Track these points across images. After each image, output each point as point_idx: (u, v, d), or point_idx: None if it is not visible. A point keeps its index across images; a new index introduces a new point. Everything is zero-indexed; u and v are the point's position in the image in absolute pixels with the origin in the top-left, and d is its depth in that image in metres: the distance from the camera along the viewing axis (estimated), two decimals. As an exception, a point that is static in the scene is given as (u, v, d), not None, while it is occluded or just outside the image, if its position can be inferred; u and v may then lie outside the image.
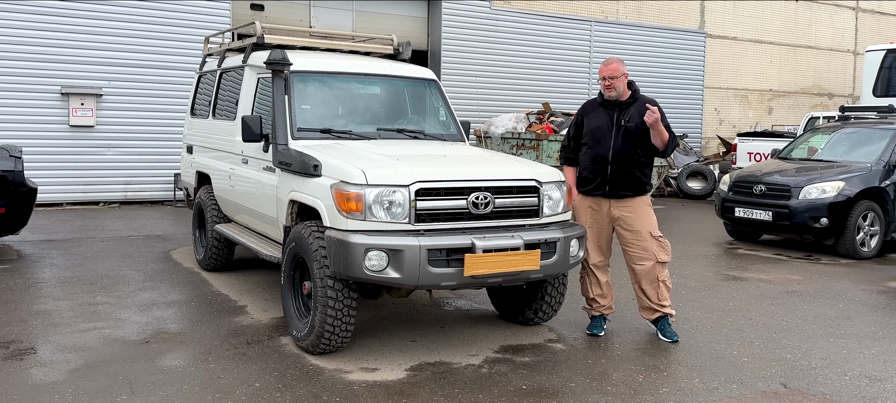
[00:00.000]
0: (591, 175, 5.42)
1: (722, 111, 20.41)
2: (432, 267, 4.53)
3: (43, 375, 4.52)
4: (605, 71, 5.35)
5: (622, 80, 5.35)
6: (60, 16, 12.35)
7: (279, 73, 5.79)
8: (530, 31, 16.89)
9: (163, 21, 13.10)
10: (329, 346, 4.84)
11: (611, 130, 5.35)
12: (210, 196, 7.40)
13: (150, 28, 13.02)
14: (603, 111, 5.45)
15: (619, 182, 5.36)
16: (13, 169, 7.77)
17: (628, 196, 5.38)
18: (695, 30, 19.57)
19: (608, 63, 5.37)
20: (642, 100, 5.38)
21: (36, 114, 12.32)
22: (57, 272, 7.41)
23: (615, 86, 5.33)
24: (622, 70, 5.36)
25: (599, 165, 5.37)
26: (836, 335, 5.74)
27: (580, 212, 5.53)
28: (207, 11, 13.44)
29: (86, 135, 12.72)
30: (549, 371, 4.75)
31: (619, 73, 5.33)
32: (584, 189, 5.50)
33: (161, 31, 13.10)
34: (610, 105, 5.42)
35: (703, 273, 8.06)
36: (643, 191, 5.44)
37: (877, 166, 9.47)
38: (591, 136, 5.43)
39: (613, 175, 5.34)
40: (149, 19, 13.00)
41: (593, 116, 5.48)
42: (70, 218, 11.26)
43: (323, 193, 4.80)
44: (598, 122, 5.42)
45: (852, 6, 22.41)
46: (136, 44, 12.93)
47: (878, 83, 15.33)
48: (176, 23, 13.20)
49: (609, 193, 5.39)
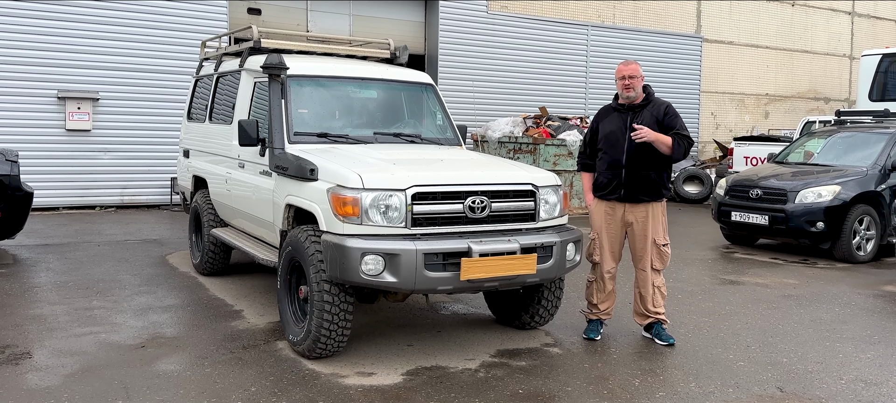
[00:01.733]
0: (607, 179, 5.42)
1: (718, 115, 20.45)
2: (429, 272, 4.53)
3: (38, 380, 4.51)
4: (626, 70, 5.33)
5: (640, 81, 5.35)
6: (57, 20, 12.34)
7: (276, 77, 5.79)
8: (527, 35, 16.92)
9: (159, 25, 13.10)
10: (325, 351, 4.84)
11: (624, 134, 5.32)
12: (206, 200, 7.39)
13: (147, 32, 13.01)
14: (617, 115, 5.44)
15: (635, 186, 5.33)
16: (9, 173, 7.76)
17: (644, 200, 5.37)
18: (691, 34, 19.61)
19: (628, 63, 5.38)
20: (656, 104, 5.38)
21: (32, 117, 12.30)
22: (53, 276, 7.39)
23: (634, 86, 5.31)
24: (640, 72, 5.36)
25: (614, 169, 5.36)
26: (832, 339, 5.75)
27: (596, 218, 5.51)
28: (204, 16, 13.43)
29: (82, 139, 12.70)
30: (546, 376, 4.75)
31: (638, 74, 5.34)
32: (600, 193, 5.48)
33: (158, 35, 13.09)
34: (623, 109, 5.41)
35: (699, 277, 8.07)
36: (659, 195, 5.43)
37: (873, 170, 9.49)
38: (605, 141, 5.43)
39: (628, 179, 5.33)
40: (145, 23, 12.99)
41: (607, 121, 5.47)
42: (66, 222, 11.24)
43: (319, 197, 4.80)
44: (612, 127, 5.41)
45: (848, 10, 22.48)
46: (133, 48, 12.92)
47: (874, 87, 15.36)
48: (172, 27, 13.20)
49: (624, 197, 5.37)
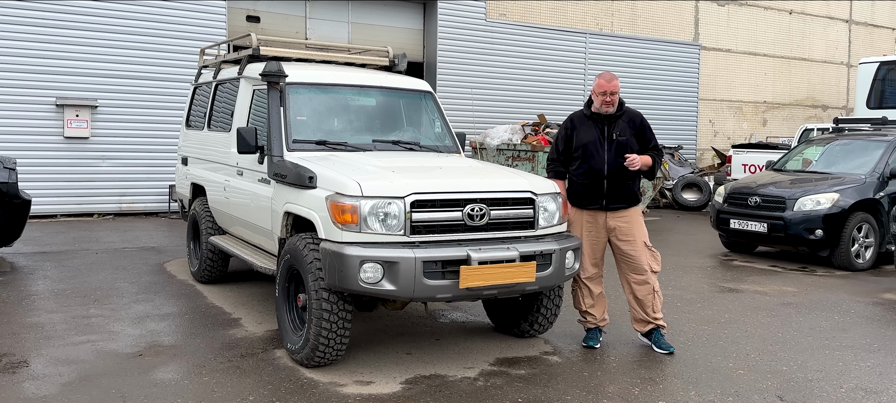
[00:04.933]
0: (586, 190, 5.42)
1: (716, 123, 20.48)
2: (428, 279, 4.52)
3: (35, 388, 4.49)
4: (609, 87, 5.31)
5: (618, 96, 5.38)
6: (55, 27, 12.34)
7: (275, 85, 5.79)
8: (525, 42, 16.95)
9: (158, 33, 13.11)
10: (324, 359, 4.82)
11: (603, 144, 5.35)
12: (205, 208, 7.38)
13: (146, 40, 13.01)
14: (592, 124, 5.43)
15: (615, 194, 5.38)
16: (7, 180, 7.75)
17: (623, 206, 5.42)
18: (689, 42, 19.66)
19: (610, 79, 5.35)
20: (629, 114, 5.45)
21: (31, 125, 12.29)
22: (50, 284, 7.37)
23: (614, 103, 5.35)
24: (618, 86, 5.39)
25: (595, 179, 5.37)
26: (832, 347, 5.74)
27: (575, 225, 5.51)
28: (203, 23, 13.44)
29: (80, 146, 12.69)
30: (545, 384, 4.73)
31: (618, 89, 5.36)
32: (579, 204, 5.48)
33: (156, 42, 13.09)
34: (598, 118, 5.41)
35: (698, 284, 8.06)
36: (637, 201, 5.52)
37: (871, 178, 9.49)
38: (583, 151, 5.41)
39: (610, 189, 5.36)
40: (144, 31, 13.00)
41: (583, 130, 5.45)
42: (64, 229, 11.22)
43: (318, 205, 4.79)
44: (589, 137, 5.40)
45: (845, 18, 22.55)
46: (132, 55, 12.92)
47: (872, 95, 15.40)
48: (171, 35, 13.20)
49: (606, 206, 5.40)
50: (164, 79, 13.11)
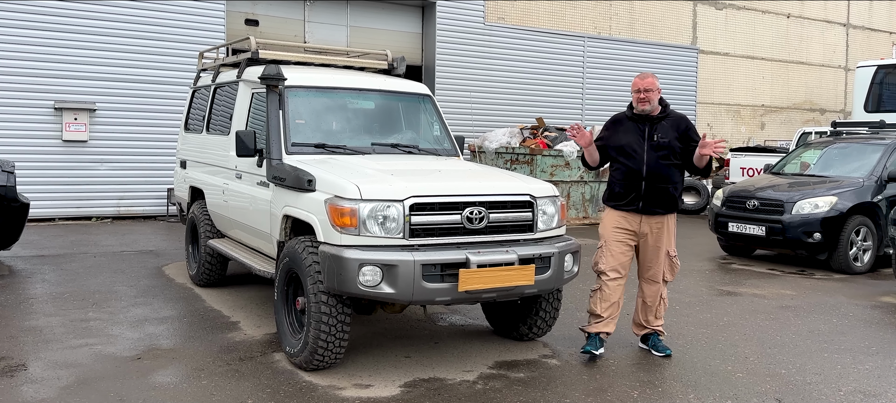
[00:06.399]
0: (624, 190, 5.31)
1: (714, 126, 20.50)
2: (427, 283, 4.52)
3: (34, 392, 4.48)
4: (642, 83, 5.26)
5: (656, 94, 5.28)
6: (54, 30, 12.34)
7: (274, 88, 5.79)
8: (524, 46, 16.97)
9: (157, 36, 13.11)
10: (323, 362, 4.82)
11: (643, 145, 5.26)
12: (203, 211, 7.37)
13: (145, 43, 13.02)
14: (632, 125, 5.35)
15: (653, 198, 5.25)
16: (5, 183, 7.74)
17: (660, 213, 5.30)
18: (687, 45, 19.69)
19: (644, 77, 5.31)
20: (674, 117, 5.34)
21: (29, 128, 12.28)
22: (48, 288, 7.36)
23: (650, 100, 5.26)
24: (657, 85, 5.30)
25: (633, 180, 5.26)
26: (831, 350, 5.74)
27: (606, 224, 5.38)
28: (202, 27, 13.45)
29: (79, 149, 12.68)
30: (544, 388, 4.73)
31: (654, 87, 5.27)
32: (615, 203, 5.38)
33: (155, 46, 13.10)
34: (639, 119, 5.33)
35: (696, 288, 8.07)
36: (675, 207, 5.36)
37: (869, 181, 9.51)
38: (621, 151, 5.32)
39: (647, 191, 5.24)
40: (143, 34, 13.00)
41: (623, 131, 5.37)
42: (62, 233, 11.21)
43: (317, 208, 4.79)
44: (628, 138, 5.32)
45: (843, 22, 22.60)
46: (130, 59, 12.92)
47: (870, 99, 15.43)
48: (170, 38, 13.21)
49: (642, 209, 5.28)
50: (163, 82, 13.11)
